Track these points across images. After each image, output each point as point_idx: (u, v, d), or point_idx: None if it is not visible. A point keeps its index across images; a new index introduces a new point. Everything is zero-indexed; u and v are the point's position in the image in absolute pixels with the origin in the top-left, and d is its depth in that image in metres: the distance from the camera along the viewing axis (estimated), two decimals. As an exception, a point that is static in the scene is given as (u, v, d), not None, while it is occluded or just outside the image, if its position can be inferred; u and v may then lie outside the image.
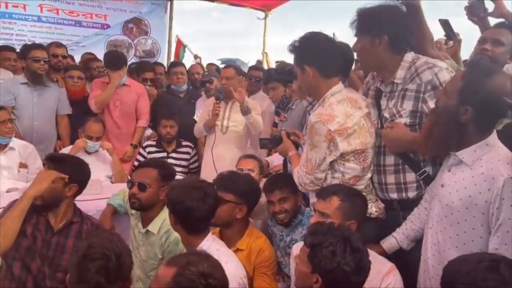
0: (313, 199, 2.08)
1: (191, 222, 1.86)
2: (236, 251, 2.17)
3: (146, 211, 2.30)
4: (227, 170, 2.49)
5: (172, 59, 6.14)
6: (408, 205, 1.92)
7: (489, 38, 2.36)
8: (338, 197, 1.79)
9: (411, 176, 1.91)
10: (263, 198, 2.41)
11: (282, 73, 3.53)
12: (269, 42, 7.05)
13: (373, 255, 1.76)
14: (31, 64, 3.51)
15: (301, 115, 2.93)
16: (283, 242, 2.39)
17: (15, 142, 3.11)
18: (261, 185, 2.49)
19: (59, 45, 4.11)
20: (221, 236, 2.25)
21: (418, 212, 1.87)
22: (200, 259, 1.32)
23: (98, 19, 5.88)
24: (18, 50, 4.22)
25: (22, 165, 3.12)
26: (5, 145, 3.05)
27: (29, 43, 5.03)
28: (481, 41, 2.39)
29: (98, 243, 1.50)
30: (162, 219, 2.24)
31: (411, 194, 1.92)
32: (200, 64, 5.36)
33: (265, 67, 6.13)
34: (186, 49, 6.14)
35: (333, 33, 2.20)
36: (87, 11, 5.79)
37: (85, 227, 2.19)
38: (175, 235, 2.13)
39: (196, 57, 5.88)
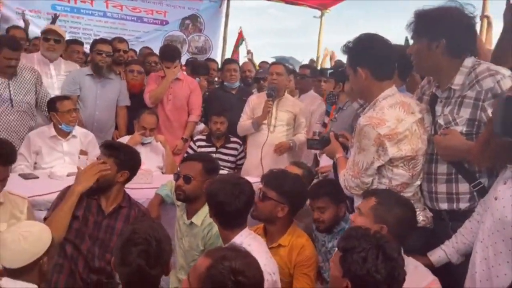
0: (358, 203, 2.04)
1: (223, 216, 1.93)
2: (278, 246, 2.20)
3: (191, 203, 2.37)
4: (278, 168, 2.50)
5: (226, 56, 6.26)
6: (458, 217, 1.84)
7: None
8: (376, 198, 1.77)
9: (464, 187, 1.82)
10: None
11: (334, 73, 3.51)
12: (325, 41, 6.98)
13: (414, 265, 1.71)
14: (94, 56, 3.77)
15: (351, 117, 2.88)
16: (325, 248, 2.36)
17: (77, 130, 3.33)
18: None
19: (121, 40, 4.36)
20: (265, 231, 2.29)
21: (470, 225, 1.78)
22: (236, 255, 1.35)
23: (158, 15, 6.12)
24: (85, 44, 4.54)
25: (83, 152, 3.33)
26: (68, 133, 3.26)
27: (95, 37, 5.39)
28: None
29: (141, 229, 1.59)
30: (206, 212, 2.29)
31: (463, 205, 1.83)
32: (251, 61, 5.40)
33: (328, 64, 6.07)
34: (244, 42, 6.23)
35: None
36: (148, 8, 6.06)
37: (133, 212, 2.32)
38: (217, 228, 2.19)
39: (248, 52, 5.94)
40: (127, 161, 2.29)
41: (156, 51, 4.82)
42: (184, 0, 6.21)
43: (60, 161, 3.23)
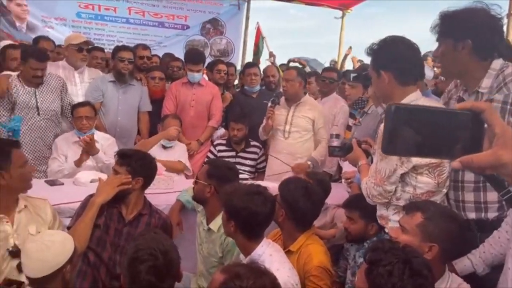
0: (380, 211, 1.99)
1: (253, 227, 1.88)
2: (288, 252, 2.11)
3: (204, 206, 2.39)
4: (293, 176, 2.47)
5: (247, 60, 6.25)
6: (486, 227, 1.76)
7: None
8: (423, 214, 1.62)
9: (492, 195, 1.74)
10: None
11: (358, 76, 3.42)
12: (346, 40, 6.89)
13: (458, 283, 1.63)
14: (117, 63, 3.81)
15: (375, 121, 2.82)
16: (354, 262, 2.29)
17: (98, 135, 3.38)
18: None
19: (145, 47, 4.44)
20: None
21: (499, 235, 1.70)
22: (250, 274, 1.32)
23: (179, 20, 6.16)
24: (108, 50, 4.61)
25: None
26: (89, 138, 3.32)
27: (118, 43, 5.48)
28: None
29: (144, 244, 1.58)
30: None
31: (491, 215, 1.76)
32: (275, 65, 5.34)
33: (350, 63, 5.97)
34: (264, 41, 6.16)
35: None
36: (169, 13, 6.10)
37: (153, 220, 2.33)
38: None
39: (271, 55, 5.86)
40: (140, 168, 2.28)
41: (178, 55, 4.89)
42: (204, 4, 6.23)
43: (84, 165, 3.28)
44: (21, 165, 2.06)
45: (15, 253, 1.96)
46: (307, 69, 6.15)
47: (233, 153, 3.82)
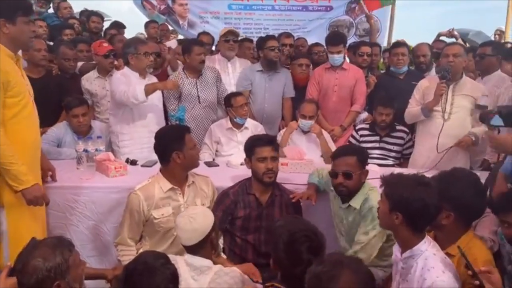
0: None
1: (423, 220, 1.77)
2: (446, 255, 1.94)
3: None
4: (452, 168, 2.21)
5: (394, 39, 5.87)
6: None
7: None
8: None
9: None
10: None
11: None
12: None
13: None
14: (267, 53, 4.05)
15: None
16: (511, 266, 2.03)
17: (248, 122, 3.69)
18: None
19: (288, 35, 4.61)
20: (435, 237, 2.08)
21: None
22: None
23: (323, 2, 6.08)
24: (255, 38, 4.90)
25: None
26: (242, 125, 3.65)
27: (264, 30, 5.76)
28: None
29: (295, 228, 1.77)
30: (364, 194, 2.41)
31: None
32: (427, 44, 4.86)
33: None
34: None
35: None
36: (313, -5, 6.09)
37: (285, 197, 2.60)
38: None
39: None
40: None
41: (321, 39, 4.90)
42: (349, -18, 6.01)
43: (236, 150, 3.62)
44: (191, 148, 2.45)
45: None
46: (460, 41, 5.48)
47: (376, 138, 3.72)
